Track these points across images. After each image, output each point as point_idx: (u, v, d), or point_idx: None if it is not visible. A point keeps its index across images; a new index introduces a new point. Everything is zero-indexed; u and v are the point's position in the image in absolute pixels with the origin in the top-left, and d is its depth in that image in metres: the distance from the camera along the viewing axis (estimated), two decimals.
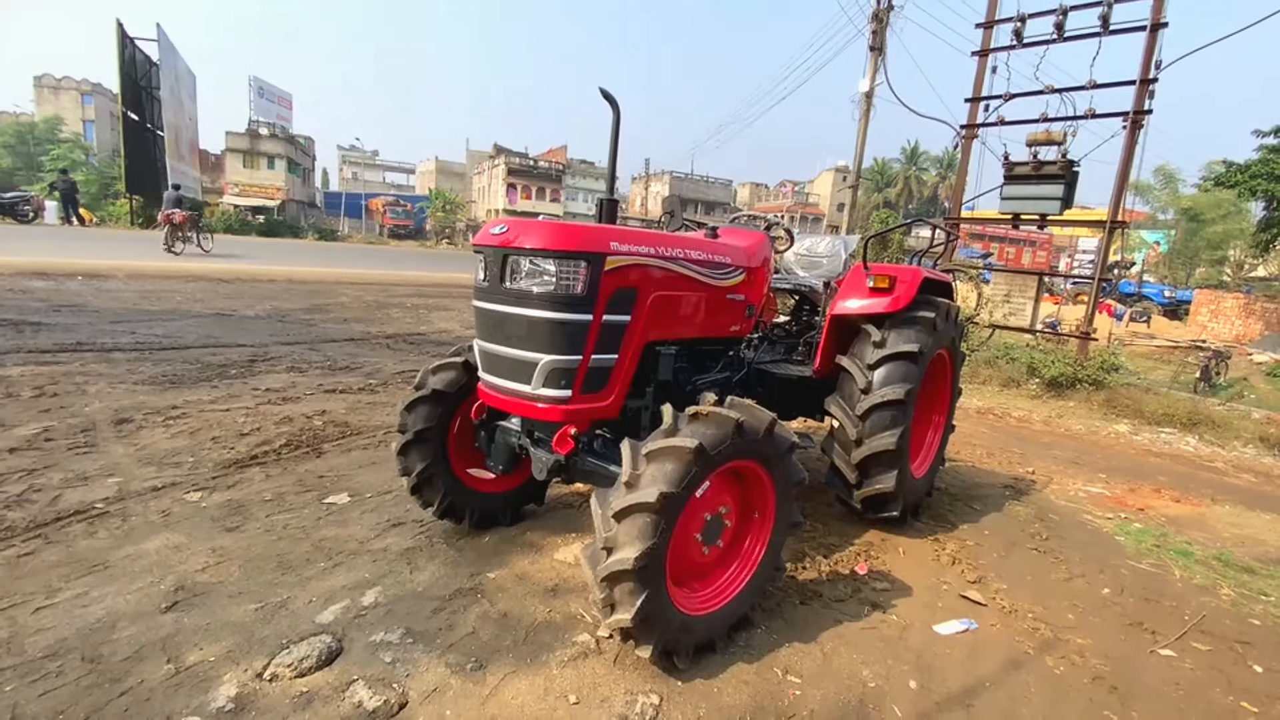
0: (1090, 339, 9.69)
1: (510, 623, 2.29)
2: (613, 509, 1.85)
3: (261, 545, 2.75)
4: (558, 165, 52.53)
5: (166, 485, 3.26)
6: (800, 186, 56.85)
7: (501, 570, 2.66)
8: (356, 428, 4.47)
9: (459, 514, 2.90)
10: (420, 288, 14.10)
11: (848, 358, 3.22)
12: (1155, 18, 8.27)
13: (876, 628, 2.52)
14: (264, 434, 4.14)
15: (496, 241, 2.18)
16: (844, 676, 2.17)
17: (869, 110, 12.03)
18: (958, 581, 2.99)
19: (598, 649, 2.17)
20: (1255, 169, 15.55)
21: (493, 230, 2.22)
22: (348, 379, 5.89)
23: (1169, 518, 4.28)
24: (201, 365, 5.79)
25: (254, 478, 3.47)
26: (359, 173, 65.00)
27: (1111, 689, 2.26)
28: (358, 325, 8.94)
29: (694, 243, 2.62)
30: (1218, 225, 30.57)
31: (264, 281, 12.04)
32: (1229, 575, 3.33)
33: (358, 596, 2.39)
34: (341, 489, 3.42)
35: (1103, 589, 3.07)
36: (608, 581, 1.85)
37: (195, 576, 2.46)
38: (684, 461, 1.87)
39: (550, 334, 2.14)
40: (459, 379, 2.79)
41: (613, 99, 2.68)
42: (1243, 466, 6.62)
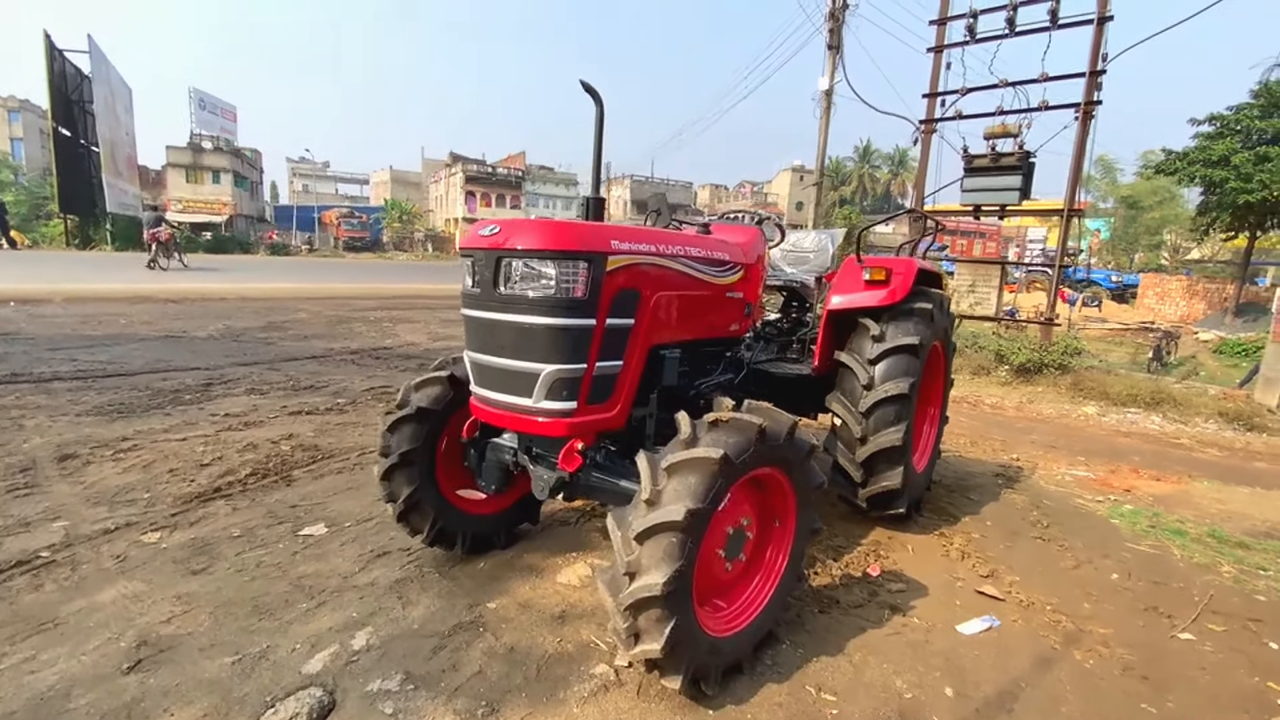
0: (1054, 325, 9.95)
1: (519, 658, 2.11)
2: (634, 530, 1.70)
3: (233, 588, 2.50)
4: (517, 171, 52.02)
5: (120, 526, 2.97)
6: (759, 187, 57.56)
7: (502, 599, 2.48)
8: (327, 451, 4.20)
9: (450, 540, 2.70)
10: (382, 300, 13.65)
11: (847, 353, 3.13)
12: (1101, 11, 8.54)
13: (900, 632, 2.42)
14: (227, 463, 3.84)
15: (488, 243, 2.01)
16: (878, 689, 2.06)
17: (829, 108, 12.16)
18: (971, 576, 2.93)
19: (618, 680, 2.01)
20: (1193, 155, 16.30)
21: (483, 231, 2.05)
22: (313, 399, 5.57)
23: (1156, 497, 4.33)
24: (152, 392, 5.40)
25: (219, 512, 3.19)
26: (310, 185, 63.06)
27: (1143, 679, 2.21)
28: (319, 342, 8.55)
29: (694, 240, 2.49)
30: (1155, 212, 32.07)
31: (215, 300, 11.46)
32: (1225, 552, 3.36)
33: (347, 640, 2.17)
34: (317, 519, 3.17)
35: (1111, 574, 3.05)
36: (632, 610, 1.70)
37: (159, 629, 2.21)
38: (708, 473, 1.73)
39: (551, 342, 1.97)
40: (445, 394, 2.59)
41: (595, 92, 2.54)
42: (1207, 441, 6.83)
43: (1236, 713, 2.06)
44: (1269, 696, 2.15)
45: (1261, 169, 14.65)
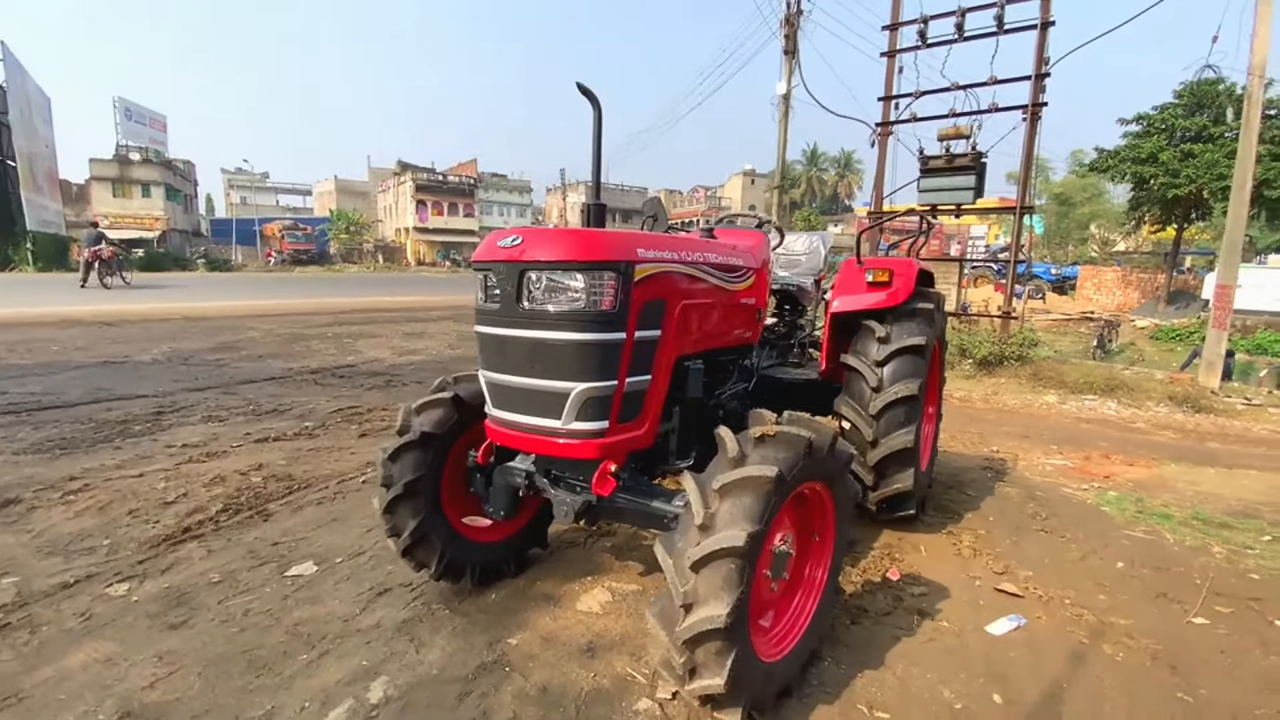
0: (1011, 318, 10.32)
1: (554, 698, 1.97)
2: (690, 559, 1.59)
3: (221, 642, 2.26)
4: (469, 179, 51.17)
5: (80, 579, 2.67)
6: (712, 191, 58.24)
7: (523, 633, 2.32)
8: (303, 480, 3.93)
9: (459, 572, 2.53)
10: (338, 315, 13.11)
11: (854, 356, 3.10)
12: (1044, 17, 8.92)
13: (934, 638, 2.38)
14: (193, 500, 3.54)
15: (508, 255, 1.87)
16: (928, 702, 2.01)
17: (787, 112, 12.35)
18: (986, 574, 2.93)
19: (664, 715, 1.89)
20: (1123, 153, 17.32)
21: (502, 242, 1.91)
22: (278, 424, 5.24)
23: (1135, 482, 4.48)
24: (96, 424, 4.98)
25: (192, 556, 2.92)
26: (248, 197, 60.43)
27: (1171, 668, 2.23)
28: (276, 362, 8.11)
29: (710, 245, 2.40)
30: (1084, 207, 33.92)
31: (155, 321, 10.76)
32: (1212, 533, 3.48)
33: (361, 693, 1.98)
34: (304, 556, 2.94)
35: (1116, 563, 3.10)
36: (690, 644, 1.59)
37: (142, 697, 1.97)
38: (762, 493, 1.63)
39: (581, 359, 1.85)
40: (449, 417, 2.42)
41: (592, 95, 2.43)
42: (1161, 424, 7.17)
43: (1265, 693, 2.10)
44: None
45: (1187, 165, 15.64)
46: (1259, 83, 8.21)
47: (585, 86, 2.50)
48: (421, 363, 8.61)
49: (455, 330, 11.91)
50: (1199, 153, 15.32)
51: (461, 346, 10.05)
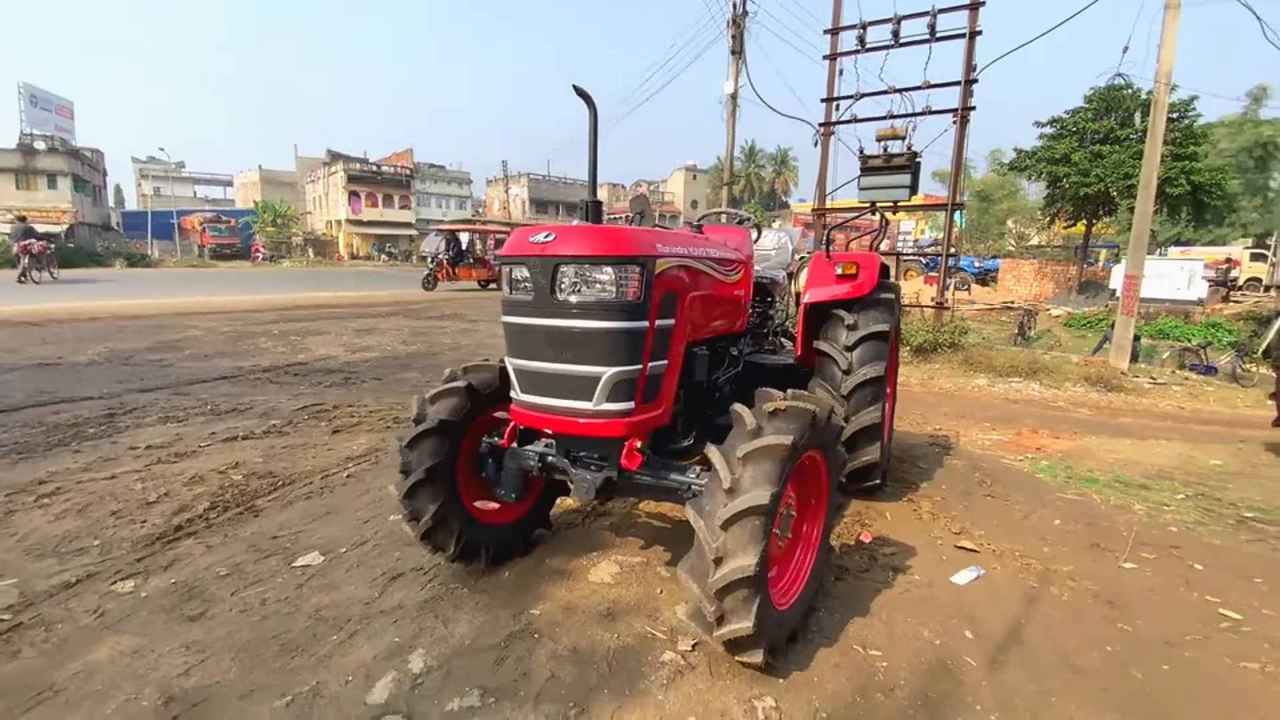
0: (944, 308, 11.05)
1: (585, 657, 2.14)
2: (720, 518, 1.80)
3: (246, 630, 2.32)
4: (404, 170, 49.54)
5: (81, 579, 2.64)
6: (655, 185, 58.65)
7: (544, 604, 2.48)
8: (286, 477, 3.91)
9: (474, 553, 2.65)
10: (282, 311, 12.62)
11: (826, 342, 3.38)
12: (971, 27, 9.58)
13: (908, 590, 2.69)
14: (177, 499, 3.48)
15: (541, 251, 2.01)
16: (912, 640, 2.30)
17: (735, 111, 12.72)
18: (945, 534, 3.28)
19: (688, 664, 2.10)
20: (1039, 154, 18.72)
21: (535, 238, 2.05)
22: (243, 423, 5.13)
23: (1063, 453, 5.01)
24: (47, 427, 4.74)
25: (192, 552, 2.91)
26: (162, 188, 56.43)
27: (1110, 604, 2.62)
28: (224, 361, 7.81)
29: (709, 241, 2.61)
30: (1003, 204, 36.20)
31: (84, 320, 10.08)
32: (1133, 494, 3.98)
33: (402, 664, 2.10)
34: (306, 548, 2.98)
35: (1054, 521, 3.53)
36: (721, 593, 1.80)
37: (181, 683, 2.02)
38: (780, 459, 1.86)
39: (612, 345, 2.02)
40: (463, 405, 2.54)
41: (588, 97, 2.59)
42: (1079, 402, 7.93)
43: (1190, 621, 2.51)
44: (1210, 607, 2.62)
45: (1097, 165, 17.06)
46: (1165, 90, 9.12)
47: (581, 89, 2.66)
48: (377, 360, 8.46)
49: (406, 326, 11.70)
50: (1107, 154, 16.82)
51: (415, 342, 9.92)
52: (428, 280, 19.85)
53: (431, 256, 20.55)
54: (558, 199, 54.49)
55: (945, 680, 2.08)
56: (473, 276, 21.04)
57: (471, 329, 11.83)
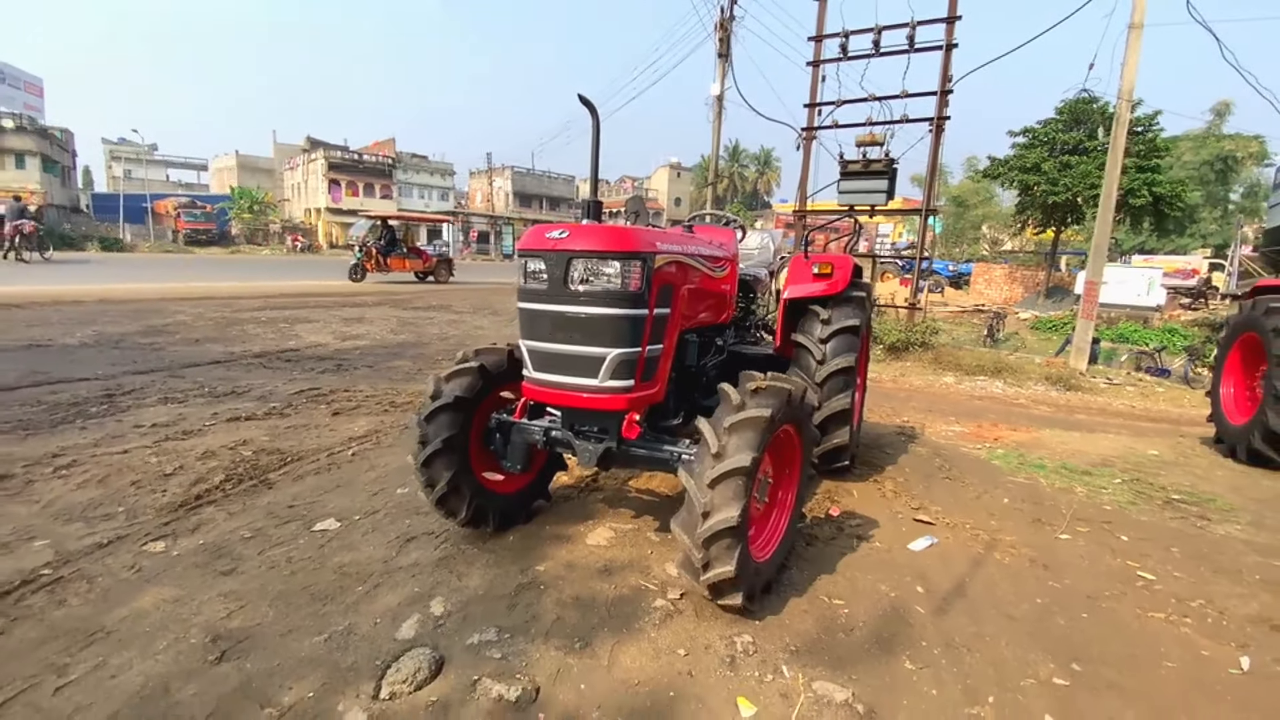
0: (916, 309, 11.53)
1: (586, 604, 2.43)
2: (707, 478, 2.10)
3: (277, 582, 2.56)
4: (386, 159, 49.04)
5: (113, 540, 2.85)
6: (639, 182, 58.92)
7: (548, 562, 2.76)
8: (294, 454, 4.13)
9: (483, 519, 2.92)
10: (267, 299, 12.64)
11: (802, 335, 3.70)
12: (948, 39, 10.02)
13: (870, 554, 3.03)
14: (192, 472, 3.68)
15: (556, 246, 2.29)
16: (871, 593, 2.63)
17: (721, 113, 13.05)
18: (906, 510, 3.63)
19: (677, 609, 2.40)
20: (1012, 162, 19.42)
21: (551, 234, 2.32)
22: (242, 405, 5.31)
23: (1017, 443, 5.42)
24: (48, 406, 4.88)
25: (214, 518, 3.13)
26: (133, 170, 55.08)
27: (1044, 567, 2.98)
28: (215, 346, 7.92)
29: (700, 240, 2.90)
30: (978, 209, 37.19)
31: (69, 303, 10.04)
32: (1076, 479, 4.39)
33: (424, 609, 2.36)
34: (322, 515, 3.22)
35: (1003, 499, 3.90)
36: (707, 542, 2.10)
37: (224, 624, 2.27)
38: (760, 429, 2.17)
39: (615, 329, 2.30)
40: (475, 384, 2.81)
41: (591, 106, 2.87)
42: (1039, 400, 8.41)
43: (1111, 581, 2.88)
44: (1130, 570, 3.00)
45: (1065, 175, 17.76)
46: (1127, 106, 9.65)
47: (585, 98, 2.94)
48: (367, 348, 8.63)
49: (394, 316, 11.84)
50: (1075, 164, 17.54)
51: (404, 332, 10.08)
52: (355, 271, 18.42)
53: (359, 244, 19.21)
54: (541, 192, 54.46)
55: (897, 624, 2.41)
56: (406, 267, 20.03)
57: (458, 320, 12.00)
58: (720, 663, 2.11)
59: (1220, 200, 28.06)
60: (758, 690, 1.99)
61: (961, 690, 2.06)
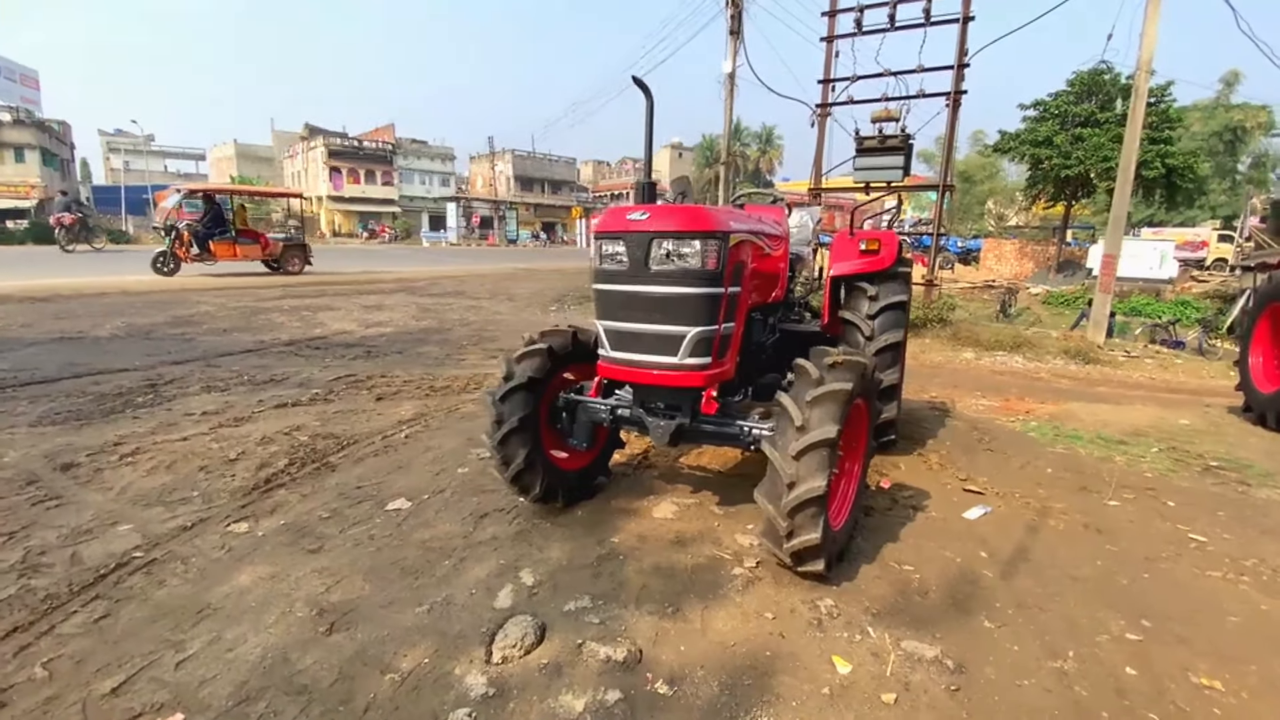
0: (934, 285, 11.54)
1: (667, 573, 2.52)
2: (793, 450, 2.17)
3: (366, 558, 2.65)
4: (386, 145, 48.72)
5: (196, 523, 2.94)
6: (640, 164, 58.28)
7: (621, 535, 2.85)
8: (349, 438, 4.22)
9: (553, 495, 3.00)
10: (286, 288, 12.70)
11: (850, 312, 3.75)
12: (965, 12, 9.91)
13: (928, 523, 3.11)
14: (256, 457, 3.77)
15: (638, 227, 2.34)
16: (937, 559, 2.72)
17: (733, 90, 12.95)
18: (954, 481, 3.71)
19: (755, 576, 2.50)
20: (1023, 136, 19.27)
21: (631, 216, 2.37)
22: (285, 391, 5.39)
23: (1049, 415, 5.49)
24: (95, 397, 4.96)
25: (288, 500, 3.22)
26: (132, 162, 54.78)
27: (1098, 531, 3.07)
28: (244, 335, 8.00)
29: (762, 219, 2.95)
30: (984, 185, 36.93)
31: (91, 295, 10.11)
32: (1113, 448, 4.47)
33: (515, 580, 2.46)
34: (392, 495, 3.31)
35: (1046, 469, 3.98)
36: (793, 511, 2.18)
37: (326, 598, 2.36)
38: (841, 402, 2.24)
39: (695, 307, 2.37)
40: (544, 365, 2.87)
41: (645, 86, 2.90)
42: (1060, 374, 8.47)
43: (1165, 543, 2.97)
44: (1180, 533, 3.09)
45: (1078, 148, 17.63)
46: (1145, 77, 9.57)
47: (639, 79, 2.96)
48: (392, 334, 8.70)
49: (413, 303, 11.88)
50: (1087, 136, 17.41)
51: (426, 318, 10.14)
52: (162, 261, 13.48)
53: (165, 227, 13.87)
54: (543, 176, 54.11)
55: (968, 586, 2.51)
56: (237, 255, 14.67)
57: (476, 306, 12.05)
58: (808, 625, 2.20)
59: (1229, 171, 27.83)
60: (849, 649, 2.08)
61: (1041, 646, 2.15)
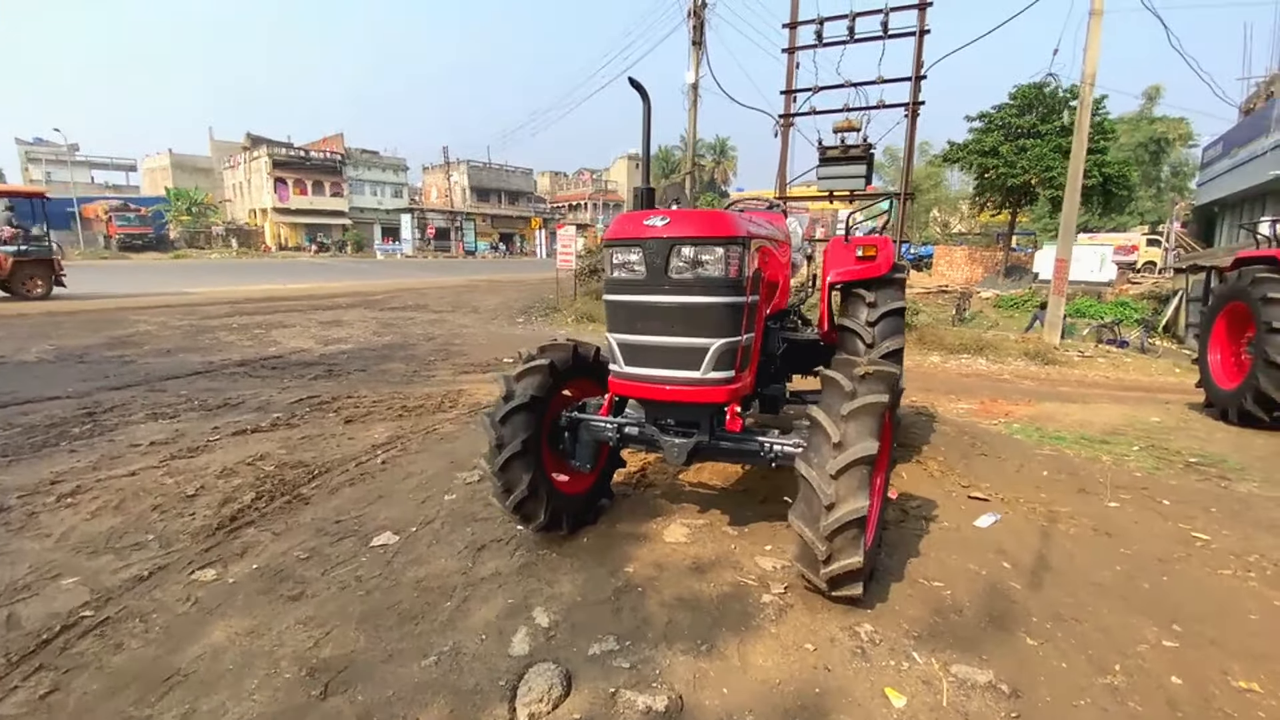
0: None
1: (693, 605, 2.35)
2: (831, 469, 2.04)
3: (357, 604, 2.39)
4: (335, 155, 47.16)
5: (154, 571, 2.62)
6: (598, 174, 58.38)
7: (634, 564, 2.66)
8: (320, 465, 3.90)
9: (558, 523, 2.79)
10: (235, 305, 12.01)
11: (849, 319, 3.68)
12: (920, 26, 10.18)
13: (942, 534, 3.04)
14: (217, 492, 3.43)
15: (657, 233, 2.18)
16: (962, 572, 2.63)
17: (696, 101, 12.98)
18: (957, 488, 3.67)
19: (786, 604, 2.35)
20: (971, 146, 20.02)
21: (649, 222, 2.21)
22: (242, 417, 5.00)
23: (1028, 417, 5.58)
24: (23, 429, 4.49)
25: (259, 540, 2.92)
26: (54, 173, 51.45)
27: (1108, 535, 3.06)
28: (189, 356, 7.46)
29: (769, 224, 2.83)
30: (930, 194, 38.26)
31: (11, 316, 9.29)
32: (1097, 448, 4.53)
33: (528, 620, 2.24)
34: (376, 529, 3.03)
35: (1041, 472, 3.99)
36: (833, 535, 2.05)
37: (316, 654, 2.10)
38: (878, 414, 2.12)
39: (719, 318, 2.22)
40: (546, 382, 2.67)
41: (642, 89, 2.77)
42: (1023, 375, 8.71)
43: (1172, 543, 2.98)
44: (1183, 532, 3.11)
45: (1022, 158, 18.40)
46: (1090, 90, 10.01)
47: (636, 81, 2.82)
48: (353, 351, 8.29)
49: (372, 318, 11.41)
50: (1030, 147, 18.21)
51: (387, 334, 9.72)
52: None
53: None
54: (499, 186, 53.34)
55: (1000, 601, 2.42)
56: None
57: (439, 319, 11.66)
58: (852, 654, 2.07)
59: (1154, 180, 29.68)
60: (900, 679, 1.95)
61: (1087, 661, 2.08)
